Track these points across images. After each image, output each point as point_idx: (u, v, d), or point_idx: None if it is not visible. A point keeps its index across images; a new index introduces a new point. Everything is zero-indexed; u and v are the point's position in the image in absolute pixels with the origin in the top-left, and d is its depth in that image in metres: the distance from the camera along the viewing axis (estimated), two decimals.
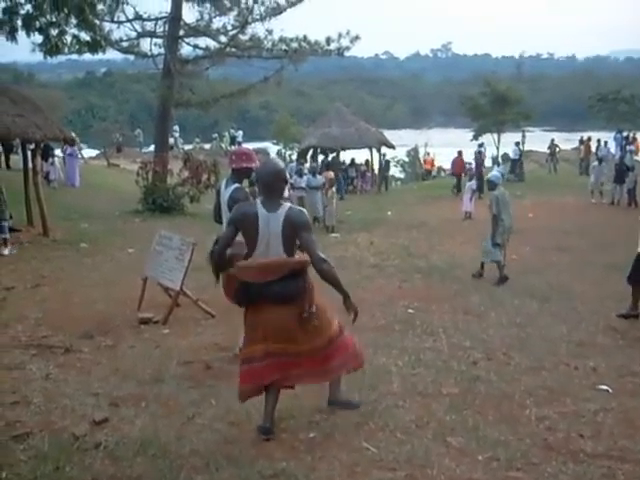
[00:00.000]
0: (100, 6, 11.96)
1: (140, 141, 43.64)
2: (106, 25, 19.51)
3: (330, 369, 4.86)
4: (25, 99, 14.33)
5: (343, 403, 5.22)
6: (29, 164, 14.82)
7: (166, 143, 22.47)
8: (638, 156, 26.52)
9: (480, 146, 30.83)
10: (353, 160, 30.66)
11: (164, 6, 21.00)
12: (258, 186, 4.78)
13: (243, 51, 21.50)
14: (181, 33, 21.25)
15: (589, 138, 32.41)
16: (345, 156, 30.94)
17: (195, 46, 22.06)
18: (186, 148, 35.73)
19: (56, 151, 24.23)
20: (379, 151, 30.96)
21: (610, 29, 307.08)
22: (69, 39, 9.45)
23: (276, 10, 20.63)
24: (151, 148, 27.43)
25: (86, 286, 9.91)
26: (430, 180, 36.43)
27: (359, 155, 31.69)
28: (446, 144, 46.55)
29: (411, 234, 16.02)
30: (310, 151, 30.64)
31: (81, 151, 28.46)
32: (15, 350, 6.86)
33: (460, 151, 27.57)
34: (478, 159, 26.37)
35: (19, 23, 8.50)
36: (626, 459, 4.51)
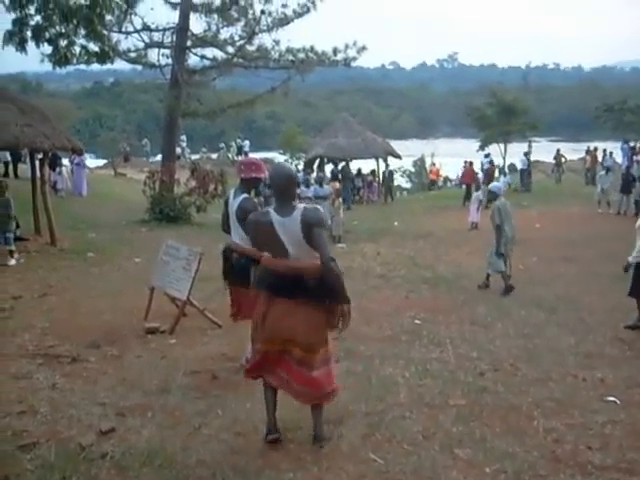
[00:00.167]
0: (108, 17, 11.98)
1: (147, 151, 43.79)
2: (114, 36, 19.61)
3: (306, 392, 4.70)
4: (33, 109, 14.40)
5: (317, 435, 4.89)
6: (37, 173, 14.90)
7: (173, 153, 22.53)
8: None
9: (486, 156, 30.89)
10: (360, 170, 30.68)
11: (172, 17, 21.18)
12: (272, 191, 4.79)
13: (250, 61, 21.58)
14: (189, 44, 21.33)
15: (595, 148, 32.37)
16: (352, 166, 30.96)
17: (202, 56, 22.14)
18: (193, 158, 35.85)
19: (63, 160, 24.33)
20: (385, 161, 31.00)
21: (616, 40, 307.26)
22: (78, 50, 9.48)
23: (283, 21, 20.70)
24: (158, 158, 27.55)
25: (93, 296, 9.92)
26: (436, 190, 36.41)
27: (365, 165, 31.71)
28: (453, 154, 46.61)
29: (417, 244, 16.00)
30: (317, 161, 30.68)
31: (84, 161, 28.52)
32: (22, 359, 6.87)
33: (471, 162, 27.70)
34: (489, 169, 26.52)
35: (29, 34, 8.55)
36: (635, 471, 4.48)
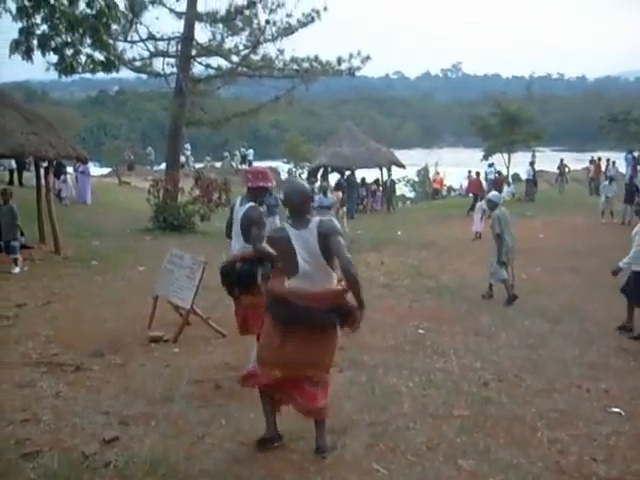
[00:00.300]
0: (114, 26, 12.04)
1: (151, 159, 43.88)
2: (119, 45, 19.72)
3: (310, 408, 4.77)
4: (39, 117, 14.46)
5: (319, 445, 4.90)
6: (42, 181, 14.94)
7: (177, 161, 22.58)
8: None
9: (490, 166, 30.97)
10: (363, 179, 30.71)
11: (177, 26, 21.25)
12: (286, 207, 4.84)
13: (255, 71, 21.66)
14: (193, 53, 21.42)
15: (599, 158, 32.35)
16: (356, 175, 31.02)
17: (207, 65, 22.26)
18: (197, 166, 35.91)
19: (67, 168, 24.42)
20: (389, 170, 31.05)
21: (620, 50, 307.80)
22: (84, 59, 9.51)
23: (288, 30, 20.78)
24: (162, 166, 27.59)
25: (97, 304, 9.92)
26: (440, 200, 36.43)
27: (369, 174, 31.75)
28: (456, 164, 46.65)
29: (421, 254, 15.99)
30: (321, 170, 30.71)
31: (88, 169, 28.62)
32: (26, 367, 6.87)
33: (477, 172, 27.80)
34: (497, 179, 26.69)
35: (35, 43, 8.58)
36: None
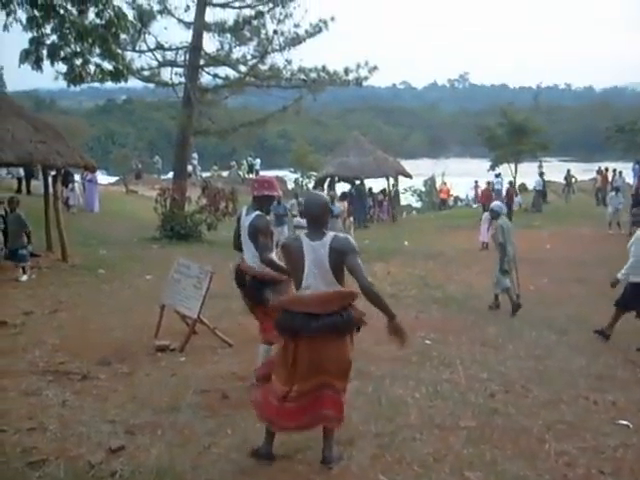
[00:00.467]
0: (123, 36, 12.10)
1: (159, 168, 44.00)
2: (128, 54, 19.82)
3: (319, 416, 4.71)
4: (47, 126, 14.55)
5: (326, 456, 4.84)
6: (50, 190, 15.01)
7: (184, 170, 22.65)
8: None
9: (497, 176, 30.96)
10: (370, 189, 30.71)
11: (185, 36, 21.38)
12: (305, 217, 4.88)
13: (262, 80, 21.72)
14: (201, 62, 21.52)
15: (606, 169, 32.27)
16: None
17: (215, 75, 22.36)
18: (204, 175, 36.01)
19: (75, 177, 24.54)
20: (396, 180, 31.06)
21: (628, 61, 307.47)
22: (92, 68, 9.57)
23: (295, 40, 20.86)
24: (169, 175, 27.68)
25: (104, 312, 9.94)
26: (447, 210, 36.42)
27: (376, 184, 31.76)
28: (463, 174, 46.64)
29: (428, 264, 15.97)
30: (327, 180, 30.73)
31: (96, 178, 28.75)
32: (32, 376, 6.88)
33: (489, 181, 27.88)
34: (508, 190, 26.81)
35: (44, 53, 8.64)
36: None
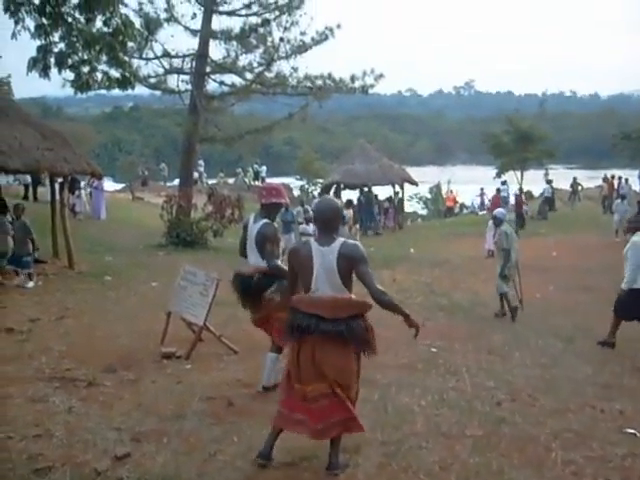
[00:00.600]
0: (130, 44, 12.17)
1: (165, 175, 44.12)
2: (134, 62, 19.91)
3: (328, 425, 4.67)
4: (55, 133, 14.60)
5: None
6: (56, 197, 15.06)
7: (191, 177, 22.72)
8: None
9: (503, 184, 30.95)
10: (376, 196, 30.73)
11: (192, 43, 21.50)
12: (316, 222, 4.92)
13: (268, 88, 21.80)
14: (208, 70, 21.61)
15: (612, 176, 32.19)
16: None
17: (221, 83, 22.45)
18: (210, 182, 36.08)
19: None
20: (402, 187, 31.07)
21: (633, 68, 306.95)
22: (100, 76, 9.64)
23: (301, 48, 20.93)
24: (176, 182, 27.77)
25: (110, 319, 9.95)
26: (453, 217, 36.40)
27: (382, 192, 31.77)
28: (469, 181, 46.61)
29: (434, 271, 15.95)
30: (333, 187, 30.76)
31: (102, 185, 28.86)
32: (39, 382, 6.88)
33: (498, 189, 27.90)
34: (517, 197, 26.86)
35: (52, 61, 8.71)
36: None
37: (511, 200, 28.01)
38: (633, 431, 5.78)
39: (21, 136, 13.39)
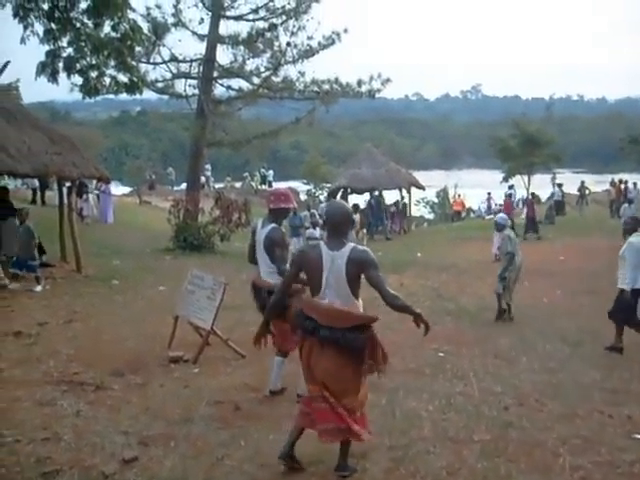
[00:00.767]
0: (138, 48, 12.23)
1: (172, 179, 44.21)
2: (142, 66, 20.01)
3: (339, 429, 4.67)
4: (63, 138, 14.63)
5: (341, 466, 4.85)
6: (64, 201, 15.10)
7: (198, 182, 22.79)
8: None
9: (510, 188, 30.89)
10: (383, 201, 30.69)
11: (199, 48, 21.59)
12: (326, 225, 4.90)
13: (275, 92, 21.87)
14: (215, 74, 21.68)
15: (620, 180, 32.12)
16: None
17: (228, 87, 22.52)
18: (217, 187, 36.12)
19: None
20: (409, 191, 31.05)
21: None
22: (108, 80, 9.70)
23: (308, 53, 20.99)
24: (183, 186, 27.82)
25: (117, 323, 9.98)
26: (460, 221, 36.34)
27: (389, 196, 31.74)
28: (476, 185, 46.55)
29: (441, 276, 15.92)
30: (340, 191, 30.76)
31: (109, 189, 28.93)
32: (47, 386, 6.91)
33: (509, 193, 27.89)
34: (530, 202, 26.79)
35: (60, 65, 8.77)
36: None
37: (519, 205, 27.90)
38: None
39: (30, 140, 13.43)
